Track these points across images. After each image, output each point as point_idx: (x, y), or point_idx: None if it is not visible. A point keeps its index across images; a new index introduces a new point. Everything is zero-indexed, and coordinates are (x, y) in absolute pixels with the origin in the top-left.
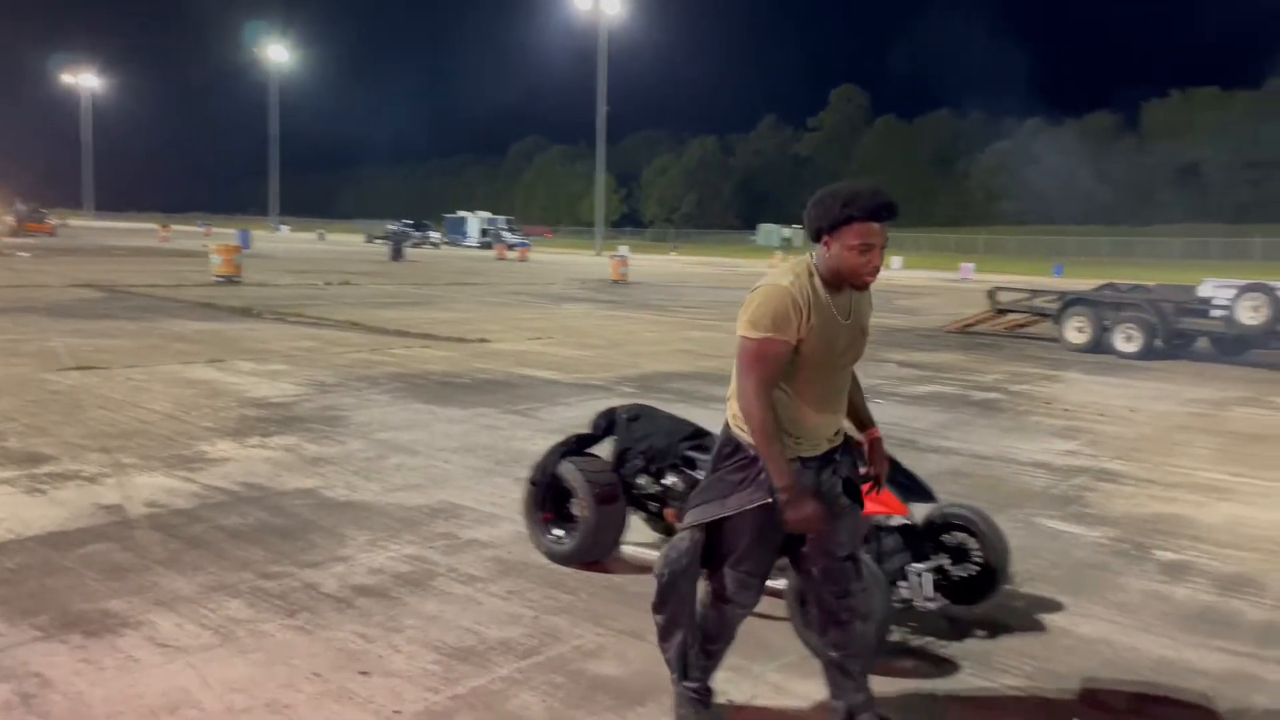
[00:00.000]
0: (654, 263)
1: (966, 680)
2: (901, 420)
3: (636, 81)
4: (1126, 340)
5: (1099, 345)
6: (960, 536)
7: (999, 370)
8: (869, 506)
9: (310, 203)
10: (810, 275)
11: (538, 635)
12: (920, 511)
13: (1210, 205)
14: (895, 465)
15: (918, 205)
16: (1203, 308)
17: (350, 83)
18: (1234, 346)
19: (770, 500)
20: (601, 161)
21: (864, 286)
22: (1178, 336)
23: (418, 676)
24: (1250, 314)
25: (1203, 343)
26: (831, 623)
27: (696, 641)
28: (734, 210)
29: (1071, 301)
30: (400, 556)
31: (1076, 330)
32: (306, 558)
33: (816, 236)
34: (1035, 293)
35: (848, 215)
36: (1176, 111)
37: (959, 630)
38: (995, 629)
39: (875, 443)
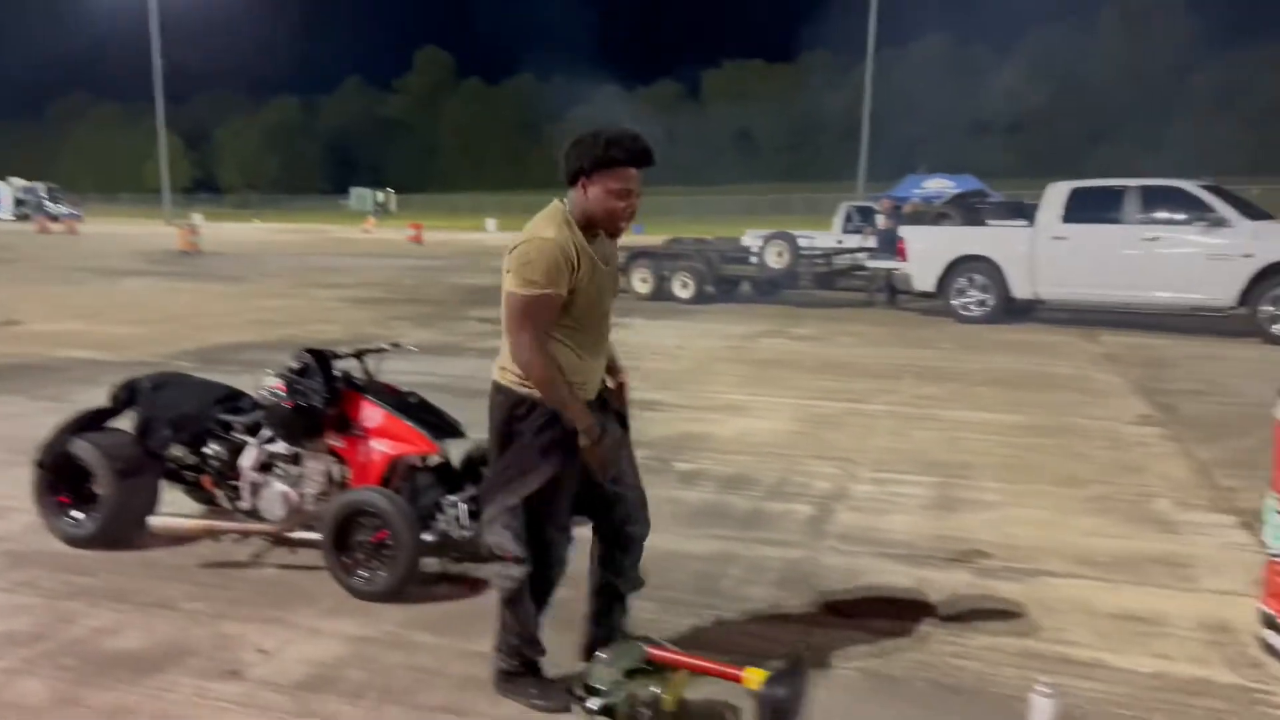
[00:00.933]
0: (234, 231)
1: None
2: (476, 372)
3: (204, 39)
4: (683, 287)
5: (660, 293)
6: None
7: None
8: (398, 448)
9: None
10: (569, 224)
11: (48, 622)
12: (459, 449)
13: (762, 167)
14: (425, 405)
15: (509, 168)
16: (744, 255)
17: None
18: (768, 288)
19: (570, 456)
20: (161, 120)
21: (618, 233)
22: (724, 282)
23: None
24: (776, 259)
25: (745, 286)
26: (619, 550)
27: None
28: (323, 174)
29: (635, 255)
30: None
31: (641, 281)
32: None
33: (574, 179)
34: None
35: (611, 157)
36: (731, 81)
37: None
38: None
39: (621, 387)
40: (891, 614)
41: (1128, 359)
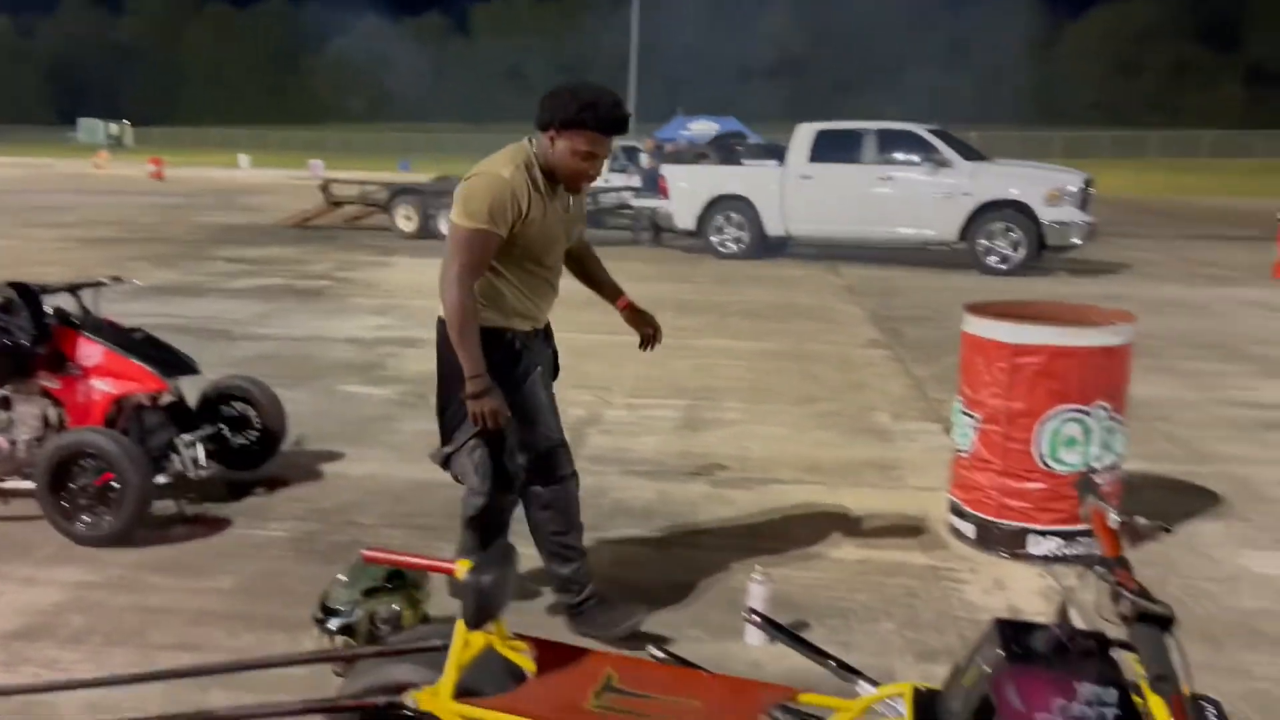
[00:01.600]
0: None
1: (242, 531)
2: (221, 313)
3: None
4: (447, 225)
5: (427, 231)
6: (240, 407)
7: (330, 260)
8: (122, 386)
9: None
10: (530, 166)
11: None
12: (195, 386)
13: (533, 105)
14: (152, 341)
15: (263, 101)
16: None
17: None
18: None
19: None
20: None
21: (578, 191)
22: None
23: None
24: None
25: None
26: (553, 508)
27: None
28: (44, 103)
29: (398, 191)
30: None
31: (405, 218)
32: None
33: (543, 128)
34: (365, 185)
35: (582, 120)
36: (500, 16)
37: (238, 492)
38: (275, 485)
39: (630, 308)
40: (633, 525)
41: (864, 290)
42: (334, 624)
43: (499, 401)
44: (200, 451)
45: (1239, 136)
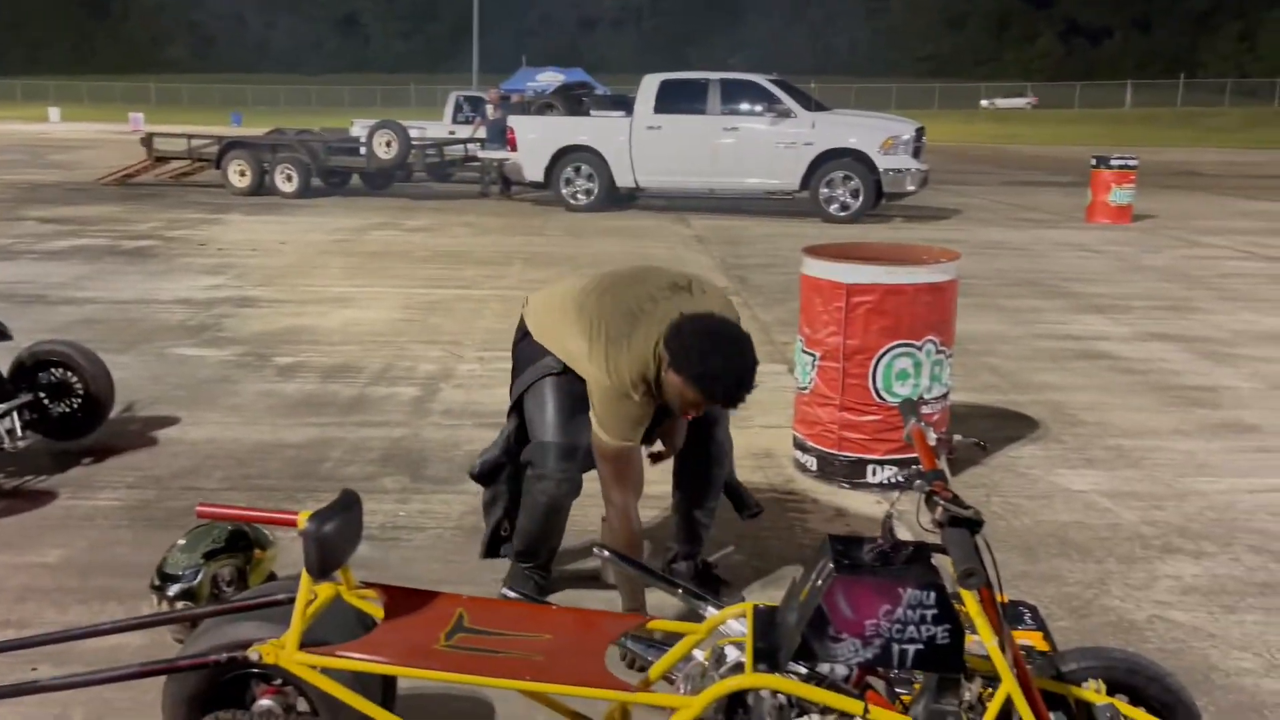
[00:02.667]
0: None
1: (69, 503)
2: (35, 277)
3: None
4: (286, 180)
5: (262, 187)
6: (60, 373)
7: (157, 219)
8: None
9: None
10: (651, 382)
11: None
12: (7, 354)
13: (372, 55)
14: None
15: (73, 50)
16: (352, 146)
17: None
18: (379, 180)
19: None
20: None
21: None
22: (332, 174)
23: None
24: (385, 149)
25: (355, 179)
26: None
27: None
28: None
29: (229, 145)
30: None
31: (238, 174)
32: None
33: (667, 352)
34: (193, 139)
35: (697, 387)
36: None
37: (64, 463)
38: (104, 454)
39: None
40: None
41: (713, 239)
42: (173, 590)
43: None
44: (15, 421)
45: (1056, 88)
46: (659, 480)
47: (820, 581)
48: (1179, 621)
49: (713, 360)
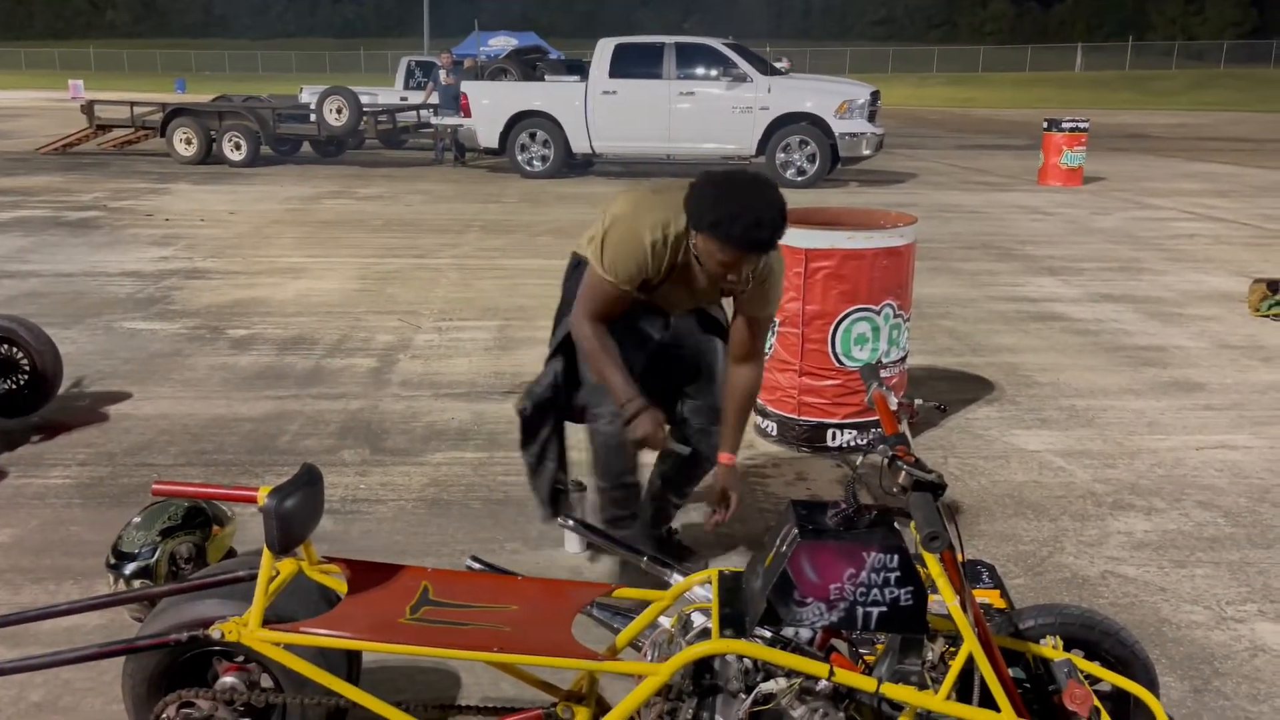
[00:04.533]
0: None
1: (18, 481)
2: None
3: None
4: (235, 149)
5: (210, 155)
6: (4, 349)
7: (101, 189)
8: None
9: None
10: (679, 240)
11: None
12: None
13: (320, 20)
14: None
15: (9, 16)
16: (303, 114)
17: None
18: (331, 147)
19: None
20: None
21: (724, 294)
22: (281, 142)
23: None
24: (335, 116)
25: (307, 146)
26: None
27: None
28: None
29: (174, 113)
30: None
31: (184, 142)
32: None
33: (693, 226)
34: (136, 106)
35: (715, 233)
36: None
37: (11, 441)
38: (53, 431)
39: (729, 469)
40: (449, 446)
41: None
42: (130, 568)
43: (654, 423)
44: None
45: (1008, 52)
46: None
47: (784, 547)
48: (1131, 577)
49: (726, 205)
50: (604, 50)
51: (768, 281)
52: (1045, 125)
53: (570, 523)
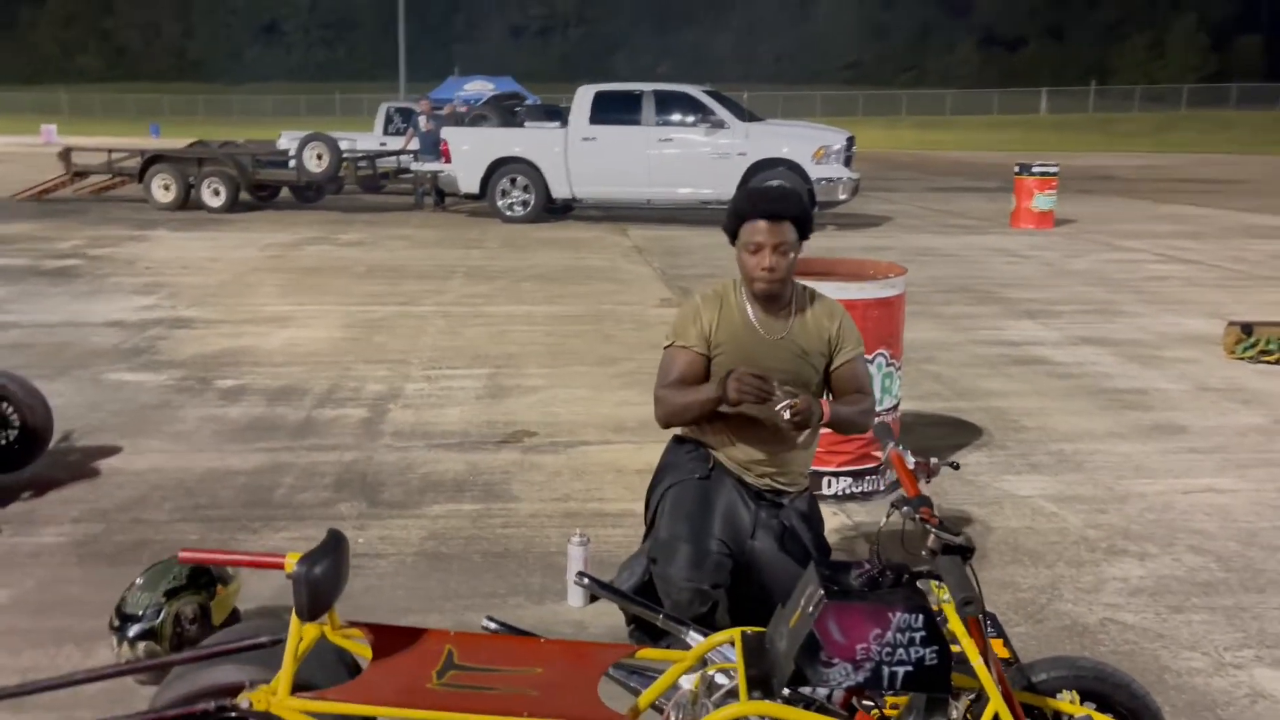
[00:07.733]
0: None
1: (11, 540)
2: None
3: None
4: (214, 195)
5: (188, 202)
6: None
7: (79, 236)
8: None
9: None
10: (733, 288)
11: None
12: None
13: (295, 64)
14: None
15: None
16: (281, 159)
17: None
18: (310, 193)
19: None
20: None
21: (763, 293)
22: (260, 188)
23: None
24: (316, 162)
25: (286, 192)
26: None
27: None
28: None
29: (152, 159)
30: None
31: (163, 188)
32: None
33: (732, 242)
34: (113, 152)
35: (739, 209)
36: None
37: (1, 498)
38: (44, 487)
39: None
40: (445, 498)
41: (652, 250)
42: (134, 630)
43: (740, 372)
44: None
45: (975, 96)
46: (628, 499)
47: (811, 608)
48: (1129, 624)
49: (740, 193)
50: (584, 97)
51: (839, 323)
52: (1017, 170)
53: (586, 580)
